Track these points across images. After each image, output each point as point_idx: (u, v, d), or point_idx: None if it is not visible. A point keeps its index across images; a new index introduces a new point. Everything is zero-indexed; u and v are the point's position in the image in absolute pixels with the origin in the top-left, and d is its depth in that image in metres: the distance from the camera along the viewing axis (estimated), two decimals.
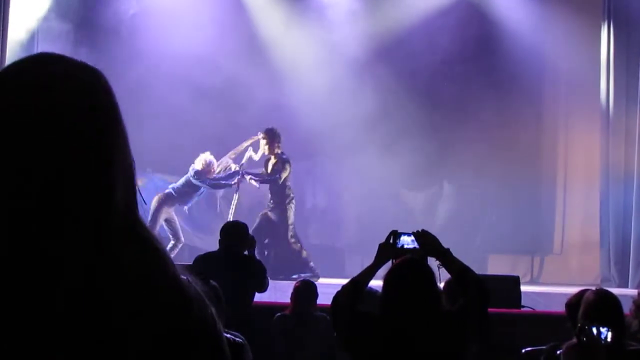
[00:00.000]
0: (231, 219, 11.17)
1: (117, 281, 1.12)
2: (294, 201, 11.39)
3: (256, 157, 11.72)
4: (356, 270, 4.48)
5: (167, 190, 11.45)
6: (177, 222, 11.56)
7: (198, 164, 11.43)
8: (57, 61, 1.20)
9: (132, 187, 1.19)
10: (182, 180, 11.48)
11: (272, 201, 11.38)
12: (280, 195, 11.31)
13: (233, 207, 11.64)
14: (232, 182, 11.63)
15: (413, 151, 12.64)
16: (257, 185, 11.48)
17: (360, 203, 13.32)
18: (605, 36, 12.77)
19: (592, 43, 12.87)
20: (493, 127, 13.18)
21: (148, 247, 1.18)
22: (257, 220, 11.31)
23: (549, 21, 13.25)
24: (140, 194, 1.21)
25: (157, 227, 11.17)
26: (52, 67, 1.18)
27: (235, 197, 11.71)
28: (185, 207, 11.70)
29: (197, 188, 11.45)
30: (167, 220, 11.34)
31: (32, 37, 12.02)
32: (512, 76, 13.09)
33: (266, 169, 11.49)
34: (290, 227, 11.31)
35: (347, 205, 13.52)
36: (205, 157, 11.49)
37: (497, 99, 13.12)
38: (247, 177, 11.48)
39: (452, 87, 13.15)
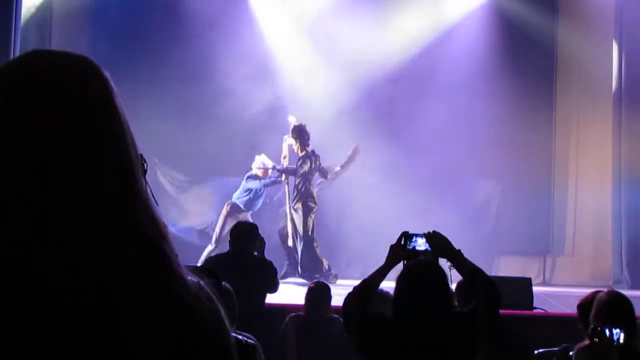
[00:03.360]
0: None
1: (116, 284, 1.08)
2: (314, 199, 11.25)
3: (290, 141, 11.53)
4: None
5: (233, 200, 11.60)
6: None
7: (255, 169, 11.57)
8: (45, 53, 1.18)
9: (130, 178, 1.15)
10: (240, 189, 11.65)
11: (293, 199, 11.38)
12: (298, 193, 11.25)
13: (288, 201, 11.58)
14: (281, 179, 11.63)
15: (419, 149, 12.66)
16: (270, 177, 11.58)
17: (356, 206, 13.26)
18: (618, 34, 12.75)
19: (604, 41, 12.85)
20: (505, 128, 13.13)
21: (151, 247, 1.13)
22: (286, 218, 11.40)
23: (561, 20, 13.24)
24: (152, 193, 1.18)
25: (224, 234, 11.16)
26: (39, 59, 1.17)
27: (287, 191, 11.62)
28: (251, 212, 11.61)
29: (255, 191, 11.56)
30: None
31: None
32: (524, 76, 13.04)
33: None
34: (309, 225, 11.17)
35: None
36: (261, 159, 11.62)
37: (508, 99, 13.08)
38: (264, 167, 11.53)
39: (461, 88, 13.09)
